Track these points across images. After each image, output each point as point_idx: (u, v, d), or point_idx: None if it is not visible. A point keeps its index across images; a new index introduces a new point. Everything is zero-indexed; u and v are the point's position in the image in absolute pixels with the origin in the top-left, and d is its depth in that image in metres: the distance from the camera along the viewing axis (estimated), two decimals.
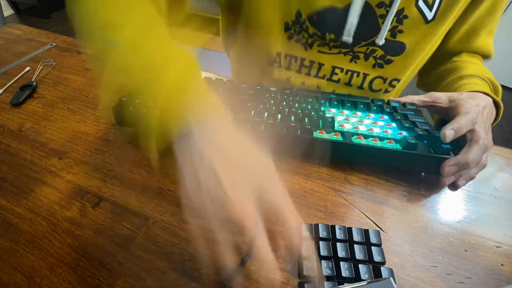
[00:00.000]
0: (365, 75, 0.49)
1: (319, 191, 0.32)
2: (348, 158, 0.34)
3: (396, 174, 0.34)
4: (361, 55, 0.47)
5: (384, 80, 0.49)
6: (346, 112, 0.38)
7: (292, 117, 0.35)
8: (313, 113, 0.36)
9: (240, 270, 0.19)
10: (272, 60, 0.52)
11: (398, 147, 0.32)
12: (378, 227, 0.29)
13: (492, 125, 0.39)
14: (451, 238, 0.29)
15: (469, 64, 0.46)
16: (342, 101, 0.40)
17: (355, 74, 0.49)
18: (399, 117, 0.36)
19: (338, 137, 0.33)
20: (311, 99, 0.39)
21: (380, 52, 0.46)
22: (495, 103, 0.39)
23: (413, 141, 0.31)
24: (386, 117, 0.37)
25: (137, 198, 0.31)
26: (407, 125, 0.34)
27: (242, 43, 0.54)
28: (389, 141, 0.32)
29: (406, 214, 0.31)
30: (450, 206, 0.32)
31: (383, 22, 0.42)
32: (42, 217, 0.29)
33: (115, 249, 0.27)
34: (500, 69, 1.76)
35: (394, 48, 0.45)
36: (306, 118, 0.35)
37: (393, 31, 0.43)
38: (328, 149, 0.33)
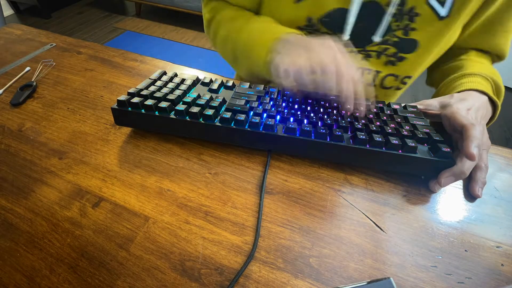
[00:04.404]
0: (377, 72, 0.49)
1: (319, 191, 0.32)
2: (348, 160, 0.34)
3: (396, 174, 0.34)
4: (373, 54, 0.47)
5: (396, 77, 0.49)
6: None
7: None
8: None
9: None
10: None
11: (397, 150, 0.32)
12: (378, 227, 0.29)
13: (487, 125, 0.38)
14: (451, 238, 0.29)
15: (474, 63, 0.45)
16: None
17: (366, 72, 0.49)
18: (399, 120, 0.35)
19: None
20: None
21: (392, 50, 0.45)
22: (494, 103, 0.38)
23: (413, 144, 0.31)
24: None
25: (137, 198, 0.31)
26: (407, 127, 0.34)
27: None
28: None
29: (406, 214, 0.31)
30: (450, 206, 0.32)
31: (396, 21, 0.42)
32: (42, 217, 0.29)
33: (115, 249, 0.27)
34: (500, 69, 1.76)
35: (407, 46, 0.45)
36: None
37: (405, 29, 0.43)
38: (328, 151, 0.33)
